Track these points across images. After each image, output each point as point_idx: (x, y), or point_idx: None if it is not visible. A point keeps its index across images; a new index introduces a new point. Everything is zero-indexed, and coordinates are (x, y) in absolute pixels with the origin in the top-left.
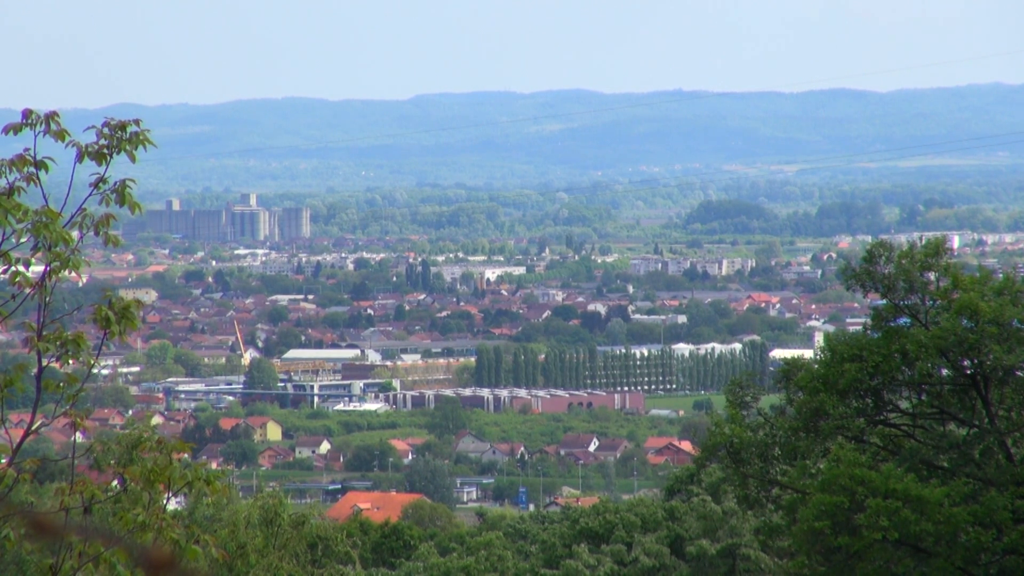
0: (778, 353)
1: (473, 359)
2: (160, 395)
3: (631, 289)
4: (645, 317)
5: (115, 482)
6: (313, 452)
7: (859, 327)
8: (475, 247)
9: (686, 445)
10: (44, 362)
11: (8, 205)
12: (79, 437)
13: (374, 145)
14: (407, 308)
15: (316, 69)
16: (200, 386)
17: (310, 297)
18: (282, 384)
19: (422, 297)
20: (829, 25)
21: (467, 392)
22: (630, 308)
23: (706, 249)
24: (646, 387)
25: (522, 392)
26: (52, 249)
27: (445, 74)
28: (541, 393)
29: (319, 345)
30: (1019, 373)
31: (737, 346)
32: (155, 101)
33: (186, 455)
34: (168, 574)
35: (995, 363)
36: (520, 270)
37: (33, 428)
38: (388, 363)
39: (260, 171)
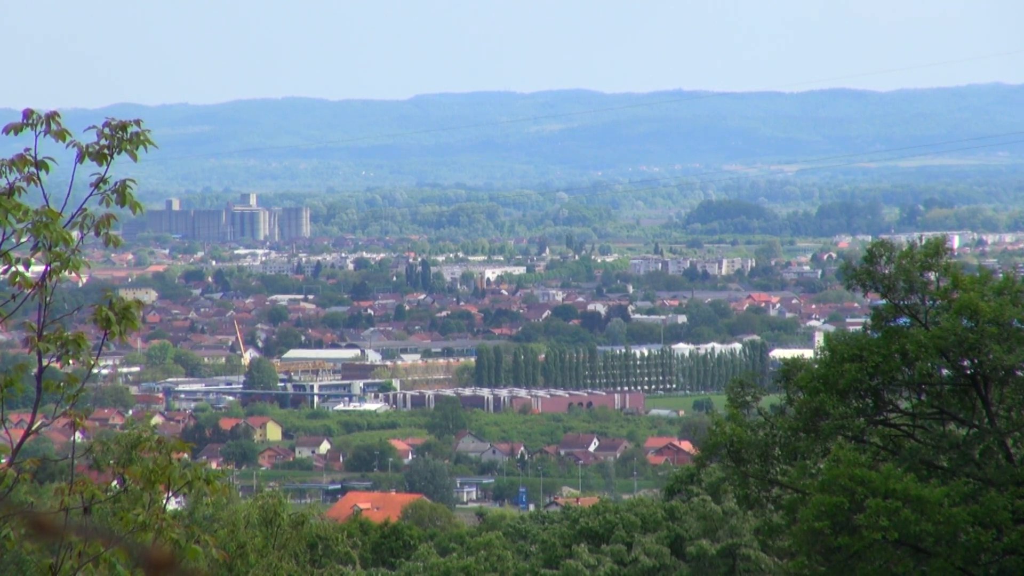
0: (778, 353)
1: (473, 359)
2: (160, 395)
3: (631, 289)
4: (645, 317)
5: (115, 482)
6: (313, 452)
7: (859, 327)
8: (475, 247)
9: (686, 445)
10: (44, 362)
11: (8, 205)
12: (79, 437)
13: (374, 145)
14: (407, 308)
15: (316, 69)
16: (200, 386)
17: (310, 297)
18: (282, 384)
19: (422, 297)
20: (829, 25)
21: (467, 392)
22: (630, 308)
23: (706, 249)
24: (646, 387)
25: (522, 392)
26: (52, 249)
27: (445, 74)
28: (541, 393)
29: (319, 345)
30: (1019, 373)
31: (737, 346)
32: (155, 101)
33: (186, 455)
34: (168, 574)
35: (995, 363)
36: (520, 270)
37: (33, 428)
38: (388, 363)
39: (260, 171)
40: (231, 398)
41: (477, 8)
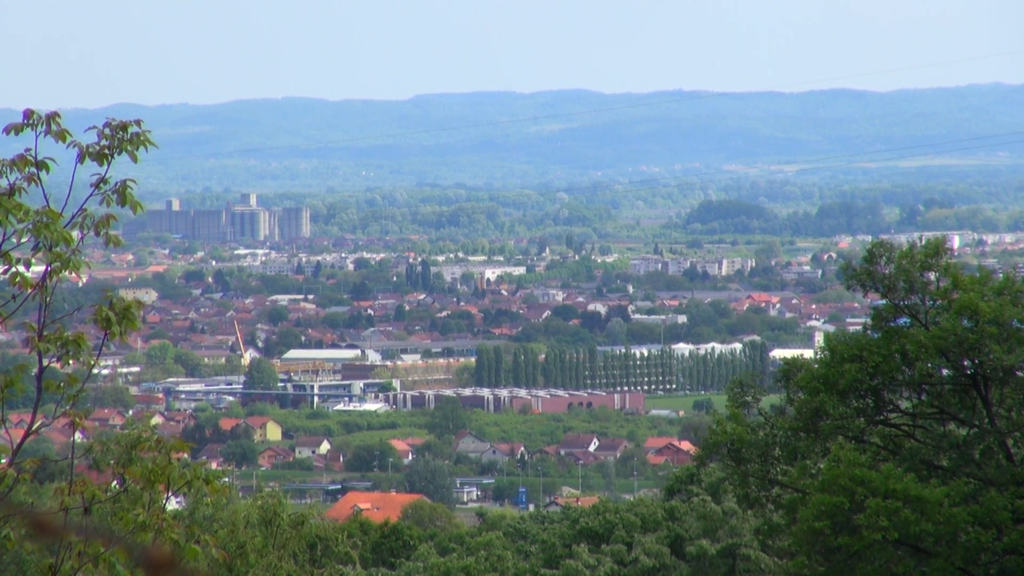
0: (778, 353)
1: (473, 359)
2: (160, 395)
3: (631, 289)
4: (645, 317)
5: (115, 482)
6: (313, 452)
7: (859, 327)
8: (475, 247)
9: (686, 445)
10: (45, 362)
11: (9, 205)
12: (79, 437)
13: (374, 145)
14: (407, 308)
15: (316, 69)
16: (200, 386)
17: (310, 297)
18: (282, 384)
19: (422, 297)
20: (829, 25)
21: (467, 392)
22: (630, 308)
23: (706, 249)
24: (646, 387)
25: (522, 392)
26: (53, 249)
27: (445, 74)
28: (541, 393)
29: (319, 345)
30: (1019, 373)
31: (737, 346)
32: (155, 101)
33: (185, 455)
34: (168, 574)
35: (995, 363)
36: (520, 270)
37: (33, 428)
38: (388, 363)
39: (260, 171)
40: (231, 398)
41: (477, 8)
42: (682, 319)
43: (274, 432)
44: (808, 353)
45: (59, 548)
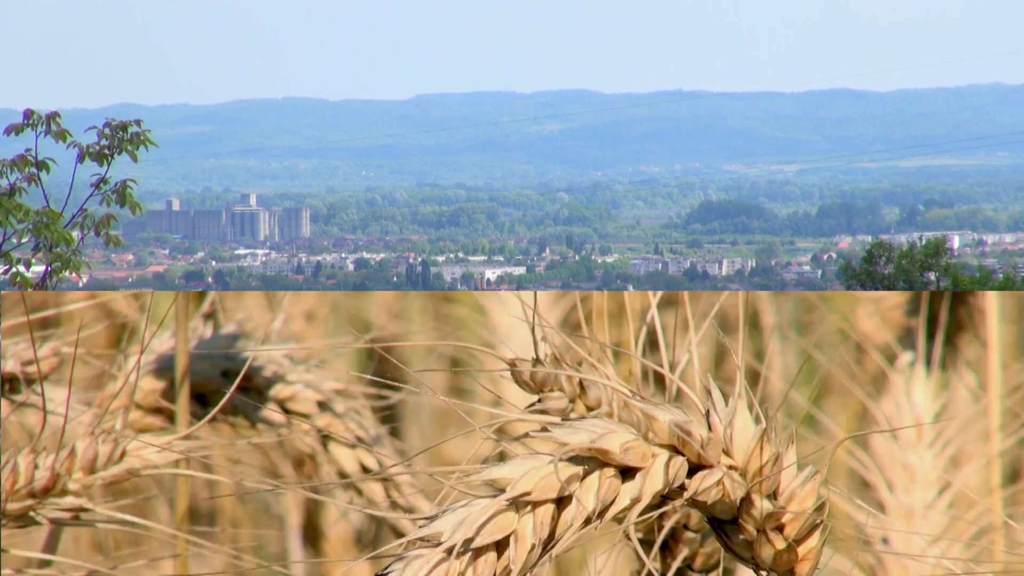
0: None
1: None
2: None
3: (631, 289)
4: None
5: None
6: None
7: None
8: (475, 247)
9: None
10: None
11: (9, 205)
12: None
13: (374, 145)
14: None
15: (316, 69)
16: None
17: None
18: None
19: None
20: (829, 25)
21: None
22: None
23: (706, 249)
24: None
25: None
26: (53, 250)
27: (445, 74)
28: None
29: None
30: None
31: None
32: (155, 101)
33: None
34: None
35: None
36: (520, 270)
37: None
38: None
39: (260, 171)
40: None
41: (477, 8)
42: None
43: None
44: None
45: None
